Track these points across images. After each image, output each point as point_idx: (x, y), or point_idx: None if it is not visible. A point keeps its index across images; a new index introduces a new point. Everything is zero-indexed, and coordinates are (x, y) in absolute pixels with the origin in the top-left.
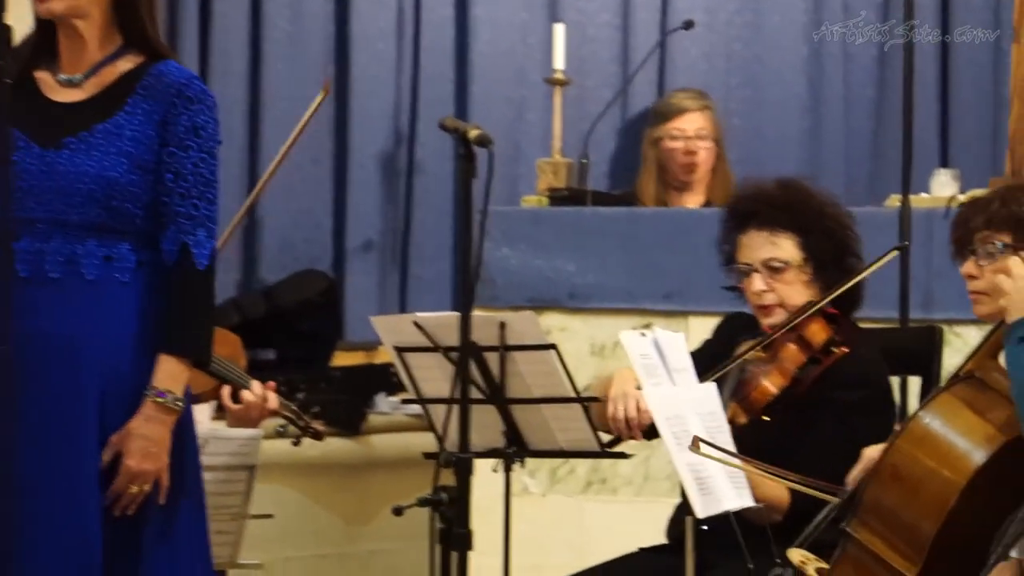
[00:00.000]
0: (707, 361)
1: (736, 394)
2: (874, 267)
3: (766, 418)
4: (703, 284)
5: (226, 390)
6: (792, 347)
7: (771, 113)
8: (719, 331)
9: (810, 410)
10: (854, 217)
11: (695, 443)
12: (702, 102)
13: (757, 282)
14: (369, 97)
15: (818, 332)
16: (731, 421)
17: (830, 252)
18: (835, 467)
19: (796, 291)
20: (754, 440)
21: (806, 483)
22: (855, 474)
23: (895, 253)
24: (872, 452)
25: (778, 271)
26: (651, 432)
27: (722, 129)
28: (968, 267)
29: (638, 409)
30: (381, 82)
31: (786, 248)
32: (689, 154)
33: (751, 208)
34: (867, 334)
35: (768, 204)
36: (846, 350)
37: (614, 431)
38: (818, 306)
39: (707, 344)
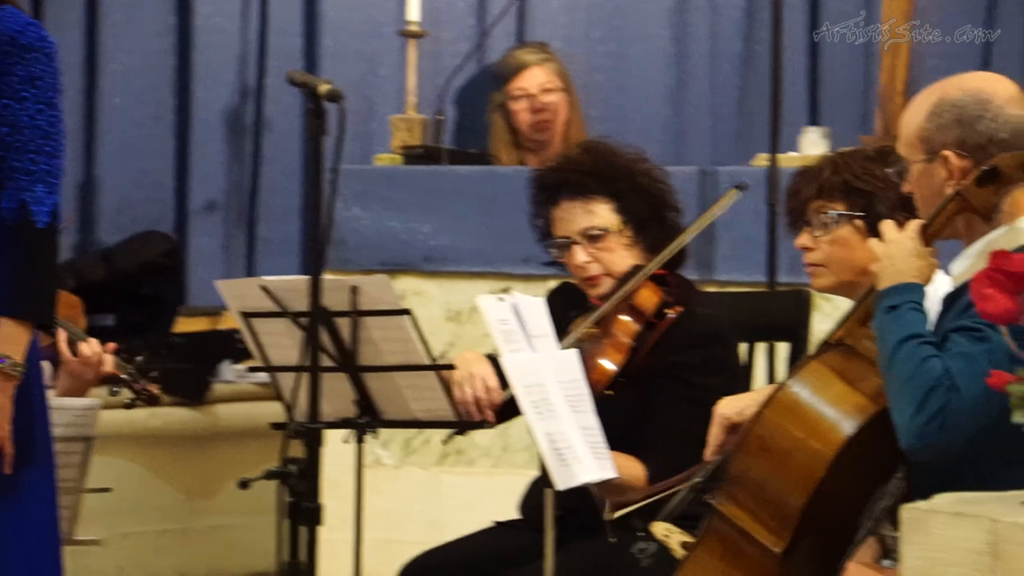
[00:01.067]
0: None
1: None
2: (715, 209)
3: (609, 392)
4: None
5: (62, 335)
6: (624, 318)
7: (635, 68)
8: (549, 304)
9: (654, 378)
10: (665, 171)
11: (611, 512)
12: (542, 55)
13: (579, 254)
14: (213, 49)
15: (648, 297)
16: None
17: (647, 211)
18: (689, 432)
19: (619, 257)
20: (602, 417)
21: (690, 478)
22: (714, 431)
23: (734, 193)
24: (725, 408)
25: (598, 239)
26: (505, 412)
27: (571, 78)
28: (803, 239)
29: (487, 388)
30: (226, 33)
31: (602, 214)
32: (537, 112)
33: (559, 179)
34: (709, 295)
35: (576, 172)
36: (680, 310)
37: (464, 415)
38: (648, 269)
39: None
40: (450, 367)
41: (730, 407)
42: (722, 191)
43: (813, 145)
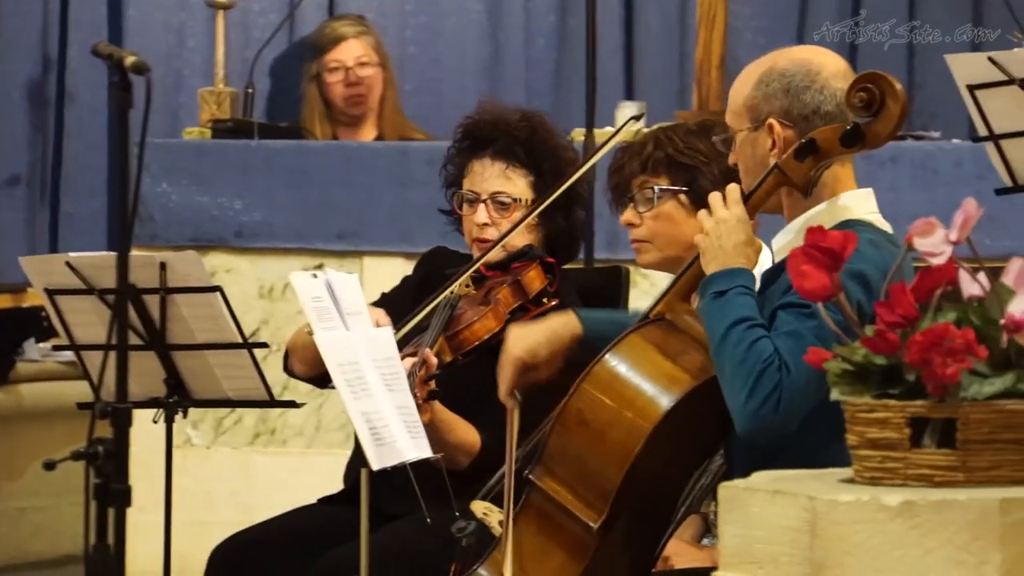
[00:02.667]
0: (410, 296)
1: (446, 329)
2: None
3: (465, 358)
4: (379, 223)
5: None
6: (507, 291)
7: (449, 41)
8: (421, 265)
9: None
10: (591, 171)
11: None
12: (359, 27)
13: (481, 214)
14: (13, 19)
15: (534, 279)
16: (436, 355)
17: (561, 199)
18: (533, 422)
19: (518, 231)
20: (453, 381)
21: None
22: (507, 372)
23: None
24: (517, 350)
25: (505, 207)
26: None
27: (387, 53)
28: (628, 215)
29: None
30: (27, 2)
31: (518, 185)
32: (352, 85)
33: (489, 135)
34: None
35: (508, 135)
36: (556, 302)
37: None
38: (532, 212)
39: (406, 281)
40: (263, 345)
41: (522, 348)
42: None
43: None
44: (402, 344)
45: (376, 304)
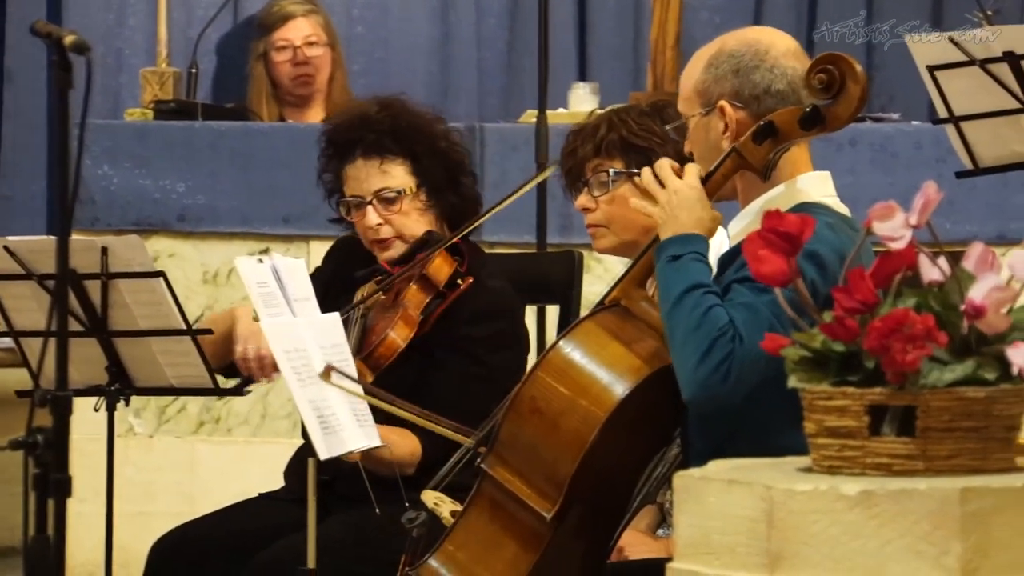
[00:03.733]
0: (321, 295)
1: (361, 350)
2: (530, 184)
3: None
4: (325, 207)
5: None
6: (414, 288)
7: (397, 21)
8: (329, 259)
9: (437, 349)
10: (461, 132)
11: (327, 371)
12: (308, 6)
13: (371, 216)
14: None
15: (441, 268)
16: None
17: (443, 175)
18: (470, 410)
19: (413, 220)
20: (381, 385)
21: (441, 423)
22: None
23: (550, 170)
24: None
25: (392, 201)
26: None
27: (336, 33)
28: (582, 200)
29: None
30: None
31: (397, 176)
32: (300, 65)
33: (353, 136)
34: (493, 259)
35: (372, 130)
36: (471, 280)
37: (245, 372)
38: (449, 241)
39: (318, 274)
40: (207, 332)
41: None
42: (490, 148)
43: (582, 101)
44: None
45: None
